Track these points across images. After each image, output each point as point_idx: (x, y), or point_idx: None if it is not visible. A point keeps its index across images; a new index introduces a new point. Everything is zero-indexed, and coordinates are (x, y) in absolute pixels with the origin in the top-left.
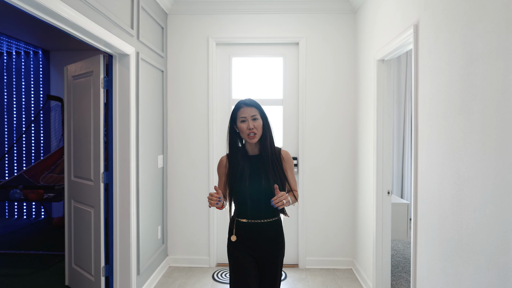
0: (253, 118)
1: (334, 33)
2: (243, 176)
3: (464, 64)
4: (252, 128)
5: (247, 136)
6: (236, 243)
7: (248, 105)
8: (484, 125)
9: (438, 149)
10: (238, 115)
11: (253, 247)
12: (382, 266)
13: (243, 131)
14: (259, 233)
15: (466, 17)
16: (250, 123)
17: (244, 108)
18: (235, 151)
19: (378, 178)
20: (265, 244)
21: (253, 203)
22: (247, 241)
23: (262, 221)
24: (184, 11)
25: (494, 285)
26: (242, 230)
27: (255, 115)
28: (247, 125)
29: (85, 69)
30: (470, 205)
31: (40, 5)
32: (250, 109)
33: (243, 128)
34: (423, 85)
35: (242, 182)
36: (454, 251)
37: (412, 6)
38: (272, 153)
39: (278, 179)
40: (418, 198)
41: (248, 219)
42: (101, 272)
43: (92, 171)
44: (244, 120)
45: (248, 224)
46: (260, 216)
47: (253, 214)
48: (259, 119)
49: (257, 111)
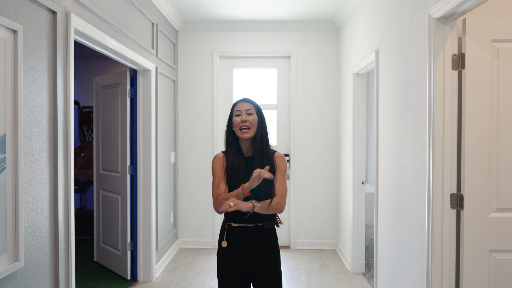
0: (248, 113)
1: (320, 48)
2: (237, 177)
3: (403, 84)
4: (245, 122)
5: (240, 131)
6: (227, 250)
7: (245, 100)
8: (414, 128)
9: (389, 146)
10: (234, 109)
11: (245, 254)
12: (358, 244)
13: (236, 125)
14: (251, 237)
15: (404, 50)
16: (244, 116)
17: (241, 103)
18: (231, 150)
19: (354, 170)
20: (258, 248)
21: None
22: (238, 247)
23: (254, 225)
24: (192, 29)
25: (419, 241)
26: (234, 235)
27: (250, 110)
28: (241, 118)
29: (113, 81)
30: (407, 186)
31: (95, 40)
32: (246, 104)
33: (236, 121)
34: (381, 97)
35: (235, 183)
36: (398, 221)
37: (376, 34)
38: (262, 154)
39: (264, 184)
40: (379, 183)
41: (240, 223)
42: (127, 247)
43: (120, 164)
44: (238, 114)
45: (240, 229)
46: (252, 220)
47: (245, 218)
48: (254, 114)
49: (253, 107)
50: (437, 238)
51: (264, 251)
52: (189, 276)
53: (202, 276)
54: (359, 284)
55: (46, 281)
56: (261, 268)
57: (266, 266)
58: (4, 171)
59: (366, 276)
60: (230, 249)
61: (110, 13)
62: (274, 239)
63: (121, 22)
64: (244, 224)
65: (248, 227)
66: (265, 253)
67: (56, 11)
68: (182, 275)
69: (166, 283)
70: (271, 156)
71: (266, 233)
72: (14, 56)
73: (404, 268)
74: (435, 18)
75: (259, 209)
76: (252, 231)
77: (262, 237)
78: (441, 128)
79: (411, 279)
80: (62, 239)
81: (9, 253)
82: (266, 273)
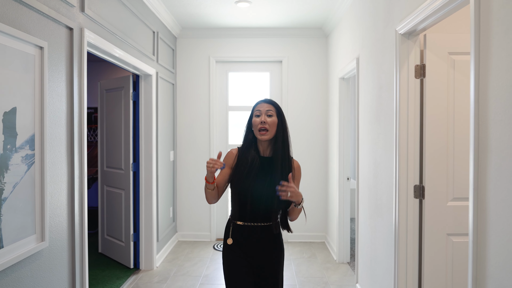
0: (268, 114)
1: (310, 53)
2: (249, 174)
3: (377, 89)
4: (264, 123)
5: (258, 132)
6: (232, 247)
7: (267, 102)
8: (385, 129)
9: (367, 145)
10: (254, 109)
11: (250, 251)
12: (343, 236)
13: (255, 125)
14: (256, 236)
15: (378, 59)
16: (263, 117)
17: (261, 104)
18: (247, 148)
19: (340, 167)
20: (263, 248)
21: (254, 204)
22: (243, 245)
23: (259, 224)
24: (190, 36)
25: (390, 228)
26: (239, 233)
27: (271, 111)
28: (260, 119)
29: (117, 84)
30: (380, 180)
31: (104, 51)
32: (267, 105)
33: (255, 122)
34: (361, 100)
35: (247, 180)
36: (374, 211)
37: (357, 43)
38: (283, 157)
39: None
40: (359, 178)
41: (245, 221)
42: (130, 238)
43: (123, 162)
44: (258, 115)
45: (244, 227)
46: (258, 219)
47: (251, 215)
48: (275, 116)
49: (274, 108)
50: (403, 224)
51: (267, 254)
52: (187, 265)
53: (200, 265)
54: (344, 272)
55: (65, 260)
56: (263, 270)
57: (268, 270)
58: (33, 165)
59: (351, 265)
60: (235, 247)
61: (117, 25)
62: (280, 241)
63: (125, 33)
64: (249, 223)
65: (253, 226)
66: (268, 256)
67: (72, 27)
68: (180, 264)
69: (166, 271)
70: (290, 160)
71: (271, 234)
72: (41, 69)
73: (379, 253)
74: (401, 33)
75: (296, 210)
76: (257, 230)
77: (266, 238)
78: (406, 128)
79: (384, 262)
80: (78, 224)
81: (37, 234)
82: (266, 277)
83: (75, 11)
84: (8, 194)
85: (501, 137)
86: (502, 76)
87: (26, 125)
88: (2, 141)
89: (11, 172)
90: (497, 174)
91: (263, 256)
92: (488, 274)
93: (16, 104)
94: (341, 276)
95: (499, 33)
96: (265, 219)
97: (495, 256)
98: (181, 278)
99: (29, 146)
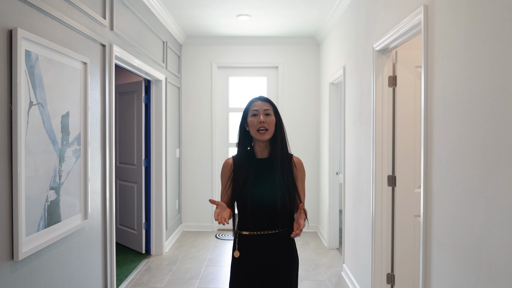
0: (266, 113)
1: (304, 60)
2: (246, 181)
3: (359, 95)
4: (263, 122)
5: (257, 132)
6: (239, 262)
7: (262, 99)
8: (365, 129)
9: (351, 142)
10: (250, 108)
11: (259, 265)
12: (333, 225)
13: (253, 126)
14: (264, 247)
15: (360, 69)
16: (262, 116)
17: (257, 102)
18: (242, 153)
19: (330, 163)
20: (273, 259)
21: (255, 212)
22: (251, 257)
23: (266, 233)
24: (194, 43)
25: (369, 212)
26: (245, 244)
27: (268, 110)
28: (258, 119)
29: (130, 89)
30: (362, 172)
31: (126, 62)
32: (264, 103)
33: (253, 122)
34: (347, 104)
35: (244, 188)
36: (357, 199)
37: (344, 54)
38: (283, 156)
39: (286, 186)
40: (346, 171)
41: (249, 231)
42: (142, 227)
43: (136, 158)
44: (255, 114)
45: (250, 237)
46: (263, 227)
47: (254, 224)
48: (272, 115)
49: (271, 107)
50: (378, 208)
51: (276, 266)
52: (193, 251)
53: (204, 251)
54: (333, 256)
55: (99, 235)
56: (272, 283)
57: (277, 284)
58: (80, 157)
59: (340, 250)
60: (242, 261)
61: (135, 38)
62: (290, 251)
63: (141, 44)
64: (254, 232)
65: (259, 235)
66: (276, 268)
67: (105, 44)
68: (187, 250)
69: (174, 255)
70: (289, 159)
71: (281, 241)
72: (85, 80)
73: (360, 235)
74: (377, 50)
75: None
76: (264, 239)
77: (275, 248)
78: (381, 128)
79: (364, 242)
80: (108, 208)
81: (82, 213)
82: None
83: (106, 30)
84: (64, 180)
85: (440, 134)
86: (440, 89)
87: (75, 125)
88: (60, 138)
89: (65, 163)
90: (436, 165)
91: (272, 269)
92: (433, 237)
93: (69, 109)
94: (331, 259)
95: (439, 59)
96: (271, 226)
97: (436, 224)
98: (188, 261)
99: (77, 143)
